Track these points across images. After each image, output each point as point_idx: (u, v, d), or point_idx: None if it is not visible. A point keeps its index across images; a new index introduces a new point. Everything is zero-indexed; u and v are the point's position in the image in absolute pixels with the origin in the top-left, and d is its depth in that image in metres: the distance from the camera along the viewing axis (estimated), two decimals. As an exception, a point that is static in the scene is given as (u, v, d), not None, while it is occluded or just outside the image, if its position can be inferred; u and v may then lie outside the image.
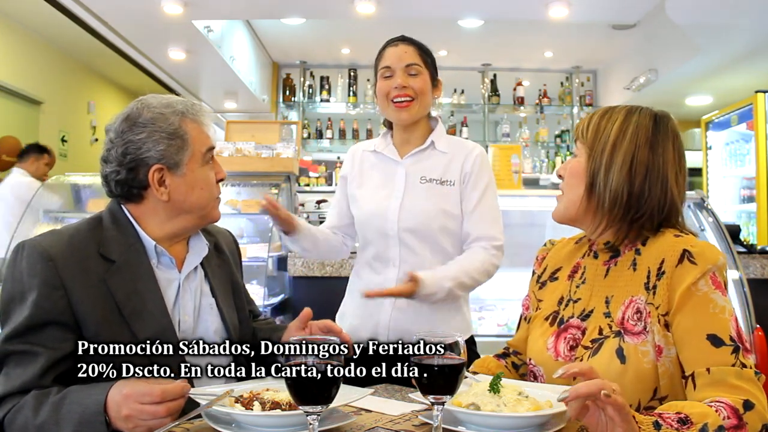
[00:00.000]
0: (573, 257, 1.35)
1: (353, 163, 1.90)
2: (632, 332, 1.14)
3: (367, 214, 1.79)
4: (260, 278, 2.82)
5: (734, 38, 4.57)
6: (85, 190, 3.29)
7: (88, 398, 1.07)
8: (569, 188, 1.27)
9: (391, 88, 1.74)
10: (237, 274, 1.48)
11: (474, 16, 4.97)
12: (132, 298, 1.22)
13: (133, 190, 1.28)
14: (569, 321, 1.24)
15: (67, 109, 6.31)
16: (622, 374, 1.10)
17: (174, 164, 1.27)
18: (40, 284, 1.16)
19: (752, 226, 5.19)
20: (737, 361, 1.05)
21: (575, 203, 1.26)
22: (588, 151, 1.24)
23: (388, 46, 1.79)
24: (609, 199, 1.21)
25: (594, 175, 1.22)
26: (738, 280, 2.67)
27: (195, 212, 1.33)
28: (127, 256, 1.26)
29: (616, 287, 1.21)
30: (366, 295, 1.63)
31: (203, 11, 4.44)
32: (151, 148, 1.25)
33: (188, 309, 1.32)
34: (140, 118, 1.27)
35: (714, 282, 1.11)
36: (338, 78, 6.54)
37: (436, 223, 1.73)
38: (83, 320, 1.18)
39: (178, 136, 1.28)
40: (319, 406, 0.90)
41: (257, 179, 3.17)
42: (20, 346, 1.14)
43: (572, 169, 1.27)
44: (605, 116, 1.26)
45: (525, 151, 5.67)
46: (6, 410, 1.12)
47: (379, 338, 1.74)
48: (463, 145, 1.82)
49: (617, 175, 1.20)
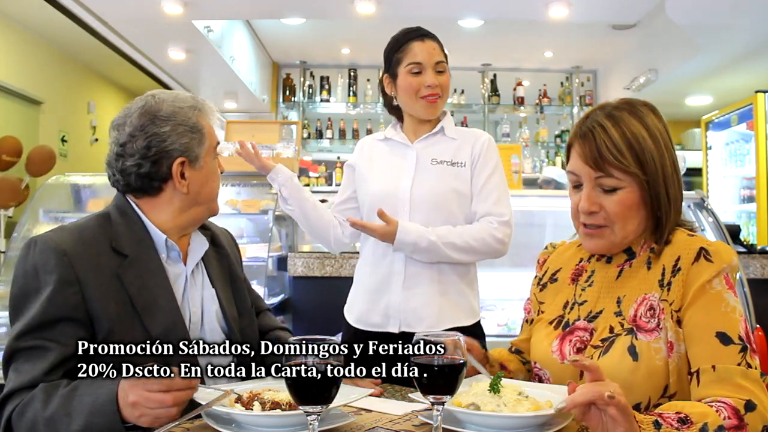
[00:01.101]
0: (574, 259, 1.34)
1: (362, 153, 1.91)
2: (645, 329, 1.13)
3: (377, 194, 1.79)
4: (260, 278, 2.82)
5: (734, 38, 4.57)
6: (85, 190, 3.29)
7: (100, 388, 1.07)
8: (624, 220, 1.18)
9: (422, 86, 1.76)
10: (236, 267, 1.50)
11: (474, 16, 4.97)
12: (143, 292, 1.23)
13: (153, 182, 1.31)
14: (575, 324, 1.23)
15: (67, 109, 6.30)
16: (633, 371, 1.10)
17: (195, 157, 1.32)
18: (56, 280, 1.16)
19: (752, 226, 5.18)
20: (743, 360, 1.05)
21: (633, 232, 1.20)
22: (638, 175, 1.15)
23: (413, 40, 1.79)
24: (674, 210, 1.19)
25: (657, 196, 1.17)
26: (738, 280, 2.68)
27: (206, 204, 1.37)
28: (139, 251, 1.27)
29: (628, 287, 1.20)
30: (351, 223, 1.72)
31: (203, 11, 4.44)
32: (175, 141, 1.29)
33: (196, 301, 1.35)
34: (160, 112, 1.29)
35: (727, 282, 1.12)
36: (338, 78, 6.53)
37: (448, 202, 1.75)
38: (97, 316, 1.18)
39: (197, 130, 1.32)
40: (319, 406, 0.90)
41: (257, 179, 3.17)
42: (31, 341, 1.15)
43: (624, 205, 1.17)
44: (622, 129, 1.17)
45: (525, 151, 5.67)
46: (14, 405, 1.12)
47: (389, 321, 1.75)
48: (472, 131, 1.86)
49: (672, 182, 1.18)
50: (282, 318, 2.99)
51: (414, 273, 1.75)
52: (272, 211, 2.98)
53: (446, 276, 1.76)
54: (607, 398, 0.87)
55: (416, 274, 1.75)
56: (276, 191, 1.88)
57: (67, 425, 1.07)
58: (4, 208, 4.54)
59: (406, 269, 1.75)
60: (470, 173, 1.78)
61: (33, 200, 3.20)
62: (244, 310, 1.45)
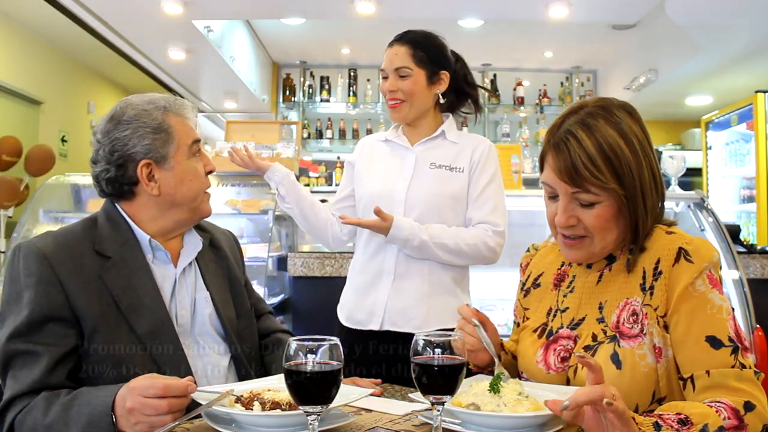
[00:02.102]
0: (556, 263, 1.32)
1: (362, 151, 1.92)
2: (628, 336, 1.12)
3: (373, 194, 1.80)
4: (260, 278, 2.82)
5: (734, 38, 4.57)
6: (85, 190, 3.29)
7: (96, 399, 1.08)
8: (603, 233, 1.15)
9: (386, 92, 1.81)
10: (236, 270, 1.49)
11: (474, 16, 4.97)
12: (128, 292, 1.24)
13: (123, 187, 1.31)
14: (559, 332, 1.22)
15: (67, 109, 6.30)
16: (617, 380, 1.08)
17: (161, 158, 1.30)
18: (37, 282, 1.18)
19: (752, 226, 5.18)
20: (737, 362, 1.04)
21: (612, 242, 1.17)
22: (615, 189, 1.11)
23: (387, 47, 1.84)
24: (651, 218, 1.16)
25: (635, 208, 1.13)
26: (738, 280, 2.67)
27: (186, 205, 1.35)
28: (122, 252, 1.28)
29: (609, 292, 1.18)
30: (344, 221, 1.73)
31: (203, 11, 4.43)
32: (137, 144, 1.29)
33: (185, 303, 1.33)
34: (124, 116, 1.30)
35: (711, 280, 1.10)
36: (338, 78, 6.53)
37: (443, 207, 1.76)
38: (81, 316, 1.19)
39: (162, 130, 1.31)
40: (319, 406, 0.90)
41: (257, 179, 3.17)
42: (23, 345, 1.15)
43: (601, 218, 1.13)
44: (596, 138, 1.11)
45: (525, 151, 5.66)
46: (16, 412, 1.13)
47: (374, 319, 1.75)
48: (473, 137, 1.87)
49: (650, 190, 1.14)
50: (282, 318, 2.99)
51: (404, 272, 1.75)
52: (272, 211, 2.98)
53: (437, 276, 1.76)
54: (605, 405, 0.87)
55: (406, 274, 1.75)
56: (274, 190, 1.88)
57: None
58: (4, 208, 4.54)
59: (396, 268, 1.75)
60: (468, 179, 1.78)
61: (33, 200, 3.20)
62: (242, 312, 1.44)
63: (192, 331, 1.33)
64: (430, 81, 1.80)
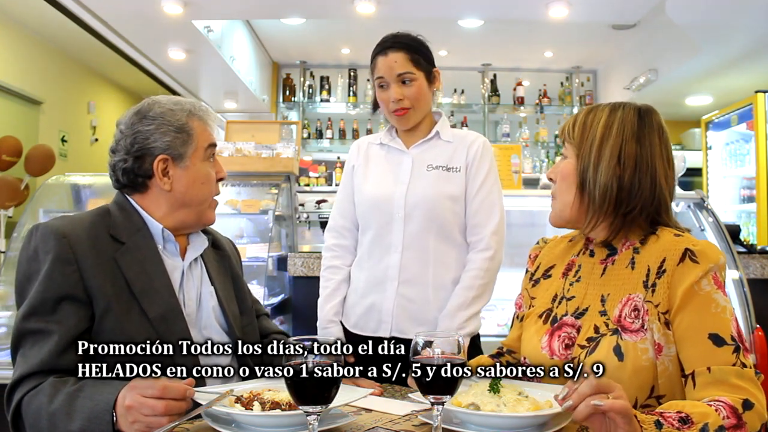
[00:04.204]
0: (567, 255, 1.35)
1: (359, 153, 1.91)
2: (630, 330, 1.14)
3: (372, 199, 1.79)
4: (260, 278, 2.82)
5: (734, 38, 4.57)
6: (85, 190, 3.29)
7: (99, 395, 1.09)
8: (561, 192, 1.28)
9: (389, 101, 1.77)
10: (238, 269, 1.53)
11: (474, 16, 4.97)
12: (141, 276, 1.27)
13: (138, 179, 1.35)
14: (563, 319, 1.25)
15: (67, 109, 6.30)
16: (619, 371, 1.10)
17: (178, 156, 1.35)
18: (54, 259, 1.20)
19: (752, 226, 5.18)
20: (738, 360, 1.06)
21: (569, 205, 1.26)
22: (576, 150, 1.25)
23: (378, 56, 1.78)
24: (599, 195, 1.21)
25: (584, 172, 1.23)
26: (738, 280, 2.67)
27: (194, 207, 1.38)
28: (136, 239, 1.32)
29: (612, 285, 1.21)
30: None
31: (203, 11, 4.44)
32: (158, 139, 1.33)
33: (192, 295, 1.37)
34: (150, 112, 1.35)
35: (716, 282, 1.12)
36: (338, 78, 6.53)
37: (442, 209, 1.75)
38: (94, 295, 1.21)
39: (184, 130, 1.36)
40: (319, 406, 0.90)
41: (257, 179, 3.17)
42: (35, 324, 1.17)
43: (563, 171, 1.27)
44: (590, 114, 1.27)
45: (525, 151, 5.67)
46: (24, 391, 1.15)
47: (382, 326, 1.75)
48: (467, 134, 1.86)
49: (606, 170, 1.20)
50: (282, 318, 2.99)
51: (408, 278, 1.74)
52: (272, 211, 2.98)
53: (441, 281, 1.75)
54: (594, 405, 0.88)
55: (411, 280, 1.74)
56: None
57: (67, 424, 1.09)
58: (4, 208, 4.54)
59: (400, 275, 1.74)
60: (465, 178, 1.78)
61: (33, 200, 3.19)
62: (245, 309, 1.47)
63: (198, 324, 1.35)
64: (429, 81, 1.80)
